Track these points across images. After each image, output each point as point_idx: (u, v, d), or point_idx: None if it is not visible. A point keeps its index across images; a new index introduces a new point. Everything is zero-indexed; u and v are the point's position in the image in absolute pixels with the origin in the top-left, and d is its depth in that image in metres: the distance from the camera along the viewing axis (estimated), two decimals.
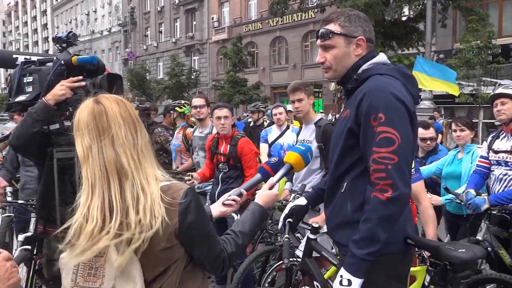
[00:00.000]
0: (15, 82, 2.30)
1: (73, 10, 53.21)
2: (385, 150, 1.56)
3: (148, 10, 39.92)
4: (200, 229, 1.29)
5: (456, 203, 3.46)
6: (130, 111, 1.28)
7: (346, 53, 1.75)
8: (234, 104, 23.30)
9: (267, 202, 1.64)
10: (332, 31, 1.74)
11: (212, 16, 32.68)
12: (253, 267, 3.59)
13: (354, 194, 1.71)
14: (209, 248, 1.33)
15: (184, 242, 1.28)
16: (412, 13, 16.78)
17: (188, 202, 1.26)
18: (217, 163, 3.75)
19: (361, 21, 1.76)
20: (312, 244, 2.16)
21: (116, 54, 44.85)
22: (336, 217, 1.80)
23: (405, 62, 14.49)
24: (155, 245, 1.23)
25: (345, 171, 1.76)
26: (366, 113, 1.62)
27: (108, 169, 1.21)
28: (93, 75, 2.20)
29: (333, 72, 1.80)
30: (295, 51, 27.21)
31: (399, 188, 1.55)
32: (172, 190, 1.27)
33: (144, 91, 30.98)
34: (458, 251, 1.69)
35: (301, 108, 3.33)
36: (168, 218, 1.21)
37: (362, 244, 1.59)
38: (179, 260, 1.29)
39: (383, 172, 1.56)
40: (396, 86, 1.64)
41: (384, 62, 1.76)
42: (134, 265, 1.23)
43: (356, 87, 1.72)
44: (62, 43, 2.30)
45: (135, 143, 1.25)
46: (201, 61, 34.25)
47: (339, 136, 1.78)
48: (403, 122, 1.60)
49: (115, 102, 1.27)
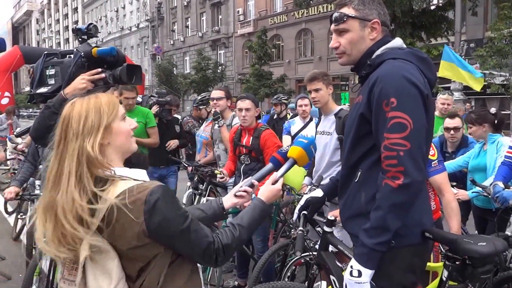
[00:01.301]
0: (37, 74, 2.32)
1: (102, 7, 54.33)
2: (397, 136, 1.50)
3: (175, 5, 40.29)
4: (173, 227, 1.26)
5: (484, 197, 3.33)
6: (82, 117, 1.28)
7: (360, 36, 1.70)
8: (259, 98, 23.29)
9: (270, 197, 1.61)
10: (346, 14, 1.69)
11: (237, 9, 32.70)
12: (275, 259, 3.59)
13: (368, 184, 1.66)
14: (191, 242, 1.30)
15: (159, 241, 1.26)
16: (441, 1, 16.24)
17: (153, 201, 1.23)
18: (239, 155, 3.72)
19: (375, 4, 1.71)
20: (328, 237, 2.11)
21: (144, 49, 45.58)
22: (349, 208, 1.75)
23: (434, 53, 14.09)
24: (124, 244, 1.24)
25: (359, 160, 1.70)
26: (378, 98, 1.56)
27: (58, 172, 1.26)
28: (113, 67, 2.18)
29: (347, 57, 1.75)
30: (320, 43, 26.88)
31: (411, 175, 1.49)
32: (138, 190, 1.24)
33: (171, 85, 31.42)
34: (477, 244, 1.60)
35: (318, 98, 3.24)
36: (133, 218, 1.20)
37: (373, 233, 1.54)
38: (160, 255, 1.28)
39: (395, 159, 1.51)
40: (409, 69, 1.57)
41: (399, 47, 1.71)
42: (111, 260, 1.24)
43: (370, 73, 1.67)
44: (82, 35, 2.25)
45: (84, 149, 1.25)
46: (227, 55, 34.35)
47: (351, 123, 1.74)
48: (416, 106, 1.53)
49: (74, 107, 1.30)
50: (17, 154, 7.52)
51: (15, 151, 7.54)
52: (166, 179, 4.91)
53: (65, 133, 1.28)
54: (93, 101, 1.32)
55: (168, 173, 4.96)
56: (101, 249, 1.24)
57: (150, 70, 40.98)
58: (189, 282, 1.35)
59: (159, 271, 1.27)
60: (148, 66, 42.68)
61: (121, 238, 1.23)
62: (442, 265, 2.41)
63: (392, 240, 1.56)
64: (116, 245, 1.25)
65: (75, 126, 1.27)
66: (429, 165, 2.58)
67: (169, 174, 4.98)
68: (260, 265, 3.12)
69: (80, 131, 1.26)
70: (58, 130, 1.30)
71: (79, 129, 1.26)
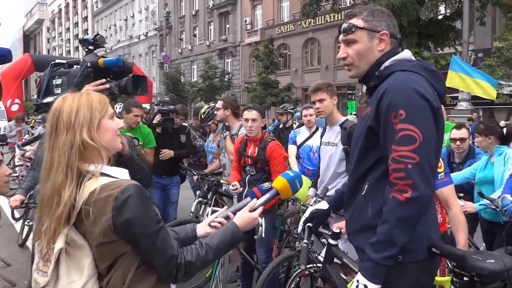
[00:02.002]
0: (44, 84, 2.35)
1: (112, 16, 54.94)
2: (405, 148, 1.48)
3: (183, 14, 40.68)
4: (141, 227, 1.27)
5: (492, 210, 3.28)
6: (73, 111, 1.31)
7: (368, 47, 1.69)
8: (266, 106, 23.32)
9: (245, 224, 1.58)
10: (355, 25, 1.69)
11: (245, 18, 32.93)
12: (279, 270, 3.56)
13: (375, 197, 1.63)
14: (156, 249, 1.29)
15: (125, 238, 1.27)
16: (449, 11, 16.22)
17: (125, 198, 1.25)
18: (244, 165, 3.67)
19: (384, 16, 1.70)
20: (333, 250, 2.09)
21: (152, 57, 45.93)
22: (356, 221, 1.73)
23: (442, 63, 14.05)
24: (93, 239, 1.26)
25: (366, 172, 1.68)
26: (386, 110, 1.54)
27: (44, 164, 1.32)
28: (119, 77, 2.21)
29: (356, 69, 1.74)
30: (327, 52, 26.93)
31: (419, 189, 1.46)
32: (112, 186, 1.27)
33: (178, 93, 31.59)
34: (486, 261, 1.56)
35: (323, 109, 3.22)
36: (103, 213, 1.23)
37: (379, 247, 1.50)
38: (126, 255, 1.29)
39: (403, 172, 1.48)
40: (418, 82, 1.56)
41: (408, 59, 1.69)
42: (86, 256, 1.27)
43: (378, 85, 1.65)
44: (88, 45, 2.30)
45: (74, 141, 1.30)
46: (234, 63, 34.53)
47: (359, 135, 1.72)
48: (426, 119, 1.51)
49: (66, 100, 1.34)
50: (25, 160, 7.61)
51: (23, 158, 7.62)
52: (168, 190, 4.82)
53: (55, 125, 1.32)
54: (85, 97, 1.36)
55: (170, 183, 4.85)
56: (77, 244, 1.27)
57: (157, 78, 41.26)
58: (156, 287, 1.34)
59: (125, 271, 1.28)
60: (156, 74, 43.00)
61: (91, 233, 1.25)
62: (449, 280, 2.39)
63: (399, 255, 1.53)
64: (88, 240, 1.27)
65: (66, 119, 1.31)
66: (436, 177, 2.56)
67: (171, 184, 4.86)
68: (265, 276, 3.09)
69: (72, 124, 1.30)
70: (49, 123, 1.34)
71: (70, 122, 1.30)
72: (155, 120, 4.61)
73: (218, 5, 35.07)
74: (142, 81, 2.19)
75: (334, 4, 18.79)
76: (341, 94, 25.86)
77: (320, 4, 17.87)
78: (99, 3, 57.54)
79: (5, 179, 1.83)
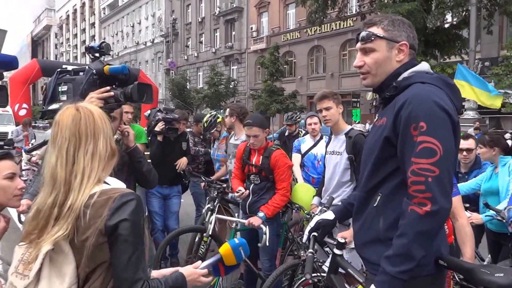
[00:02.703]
0: (50, 91, 2.33)
1: (119, 23, 55.46)
2: (426, 161, 1.46)
3: (189, 21, 40.97)
4: (128, 233, 1.27)
5: (498, 221, 3.25)
6: (80, 124, 1.36)
7: (387, 57, 1.67)
8: (271, 113, 23.32)
9: (190, 278, 1.55)
10: (375, 33, 1.66)
11: (251, 26, 33.10)
12: (282, 279, 3.53)
13: (387, 209, 1.61)
14: (129, 263, 1.27)
15: (110, 242, 1.27)
16: (456, 20, 16.20)
17: (123, 201, 1.29)
18: (248, 174, 3.66)
19: (405, 27, 1.68)
20: (338, 260, 2.07)
21: (158, 64, 46.25)
22: (366, 233, 1.69)
23: (448, 71, 14.00)
24: (79, 241, 1.26)
25: (379, 184, 1.65)
26: (405, 121, 1.52)
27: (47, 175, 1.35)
28: (124, 84, 2.20)
29: (372, 78, 1.71)
30: (333, 60, 26.99)
31: (439, 202, 1.44)
32: (113, 191, 1.31)
33: (184, 100, 31.73)
34: (494, 275, 1.52)
35: (329, 117, 3.22)
36: (98, 214, 1.26)
37: (396, 260, 1.48)
38: (106, 265, 1.28)
39: (423, 185, 1.46)
40: (439, 94, 1.54)
41: (427, 71, 1.66)
42: (69, 264, 1.27)
43: (394, 95, 1.63)
44: (94, 53, 2.29)
45: (74, 154, 1.34)
46: (240, 70, 34.66)
47: (373, 145, 1.68)
48: (446, 132, 1.50)
49: (71, 115, 1.37)
50: (31, 165, 7.65)
51: (30, 163, 7.66)
52: (169, 200, 4.68)
53: (93, 132, 1.36)
54: (95, 109, 1.42)
55: (171, 193, 4.70)
56: (62, 250, 1.27)
57: (163, 85, 41.48)
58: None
59: (104, 284, 1.28)
60: (162, 81, 43.24)
61: (82, 234, 1.26)
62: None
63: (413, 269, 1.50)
64: (74, 243, 1.27)
65: (100, 124, 1.38)
66: None
67: (172, 194, 4.71)
68: (268, 284, 3.08)
69: (100, 132, 1.37)
70: (65, 133, 1.35)
71: (101, 129, 1.38)
72: (157, 128, 4.40)
73: (224, 12, 35.29)
74: (147, 89, 2.18)
75: (340, 12, 18.80)
76: (346, 102, 25.79)
77: (326, 12, 17.90)
78: (107, 10, 58.11)
79: (17, 192, 1.79)
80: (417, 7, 13.41)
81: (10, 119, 17.66)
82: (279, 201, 3.48)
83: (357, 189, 1.85)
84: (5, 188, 1.74)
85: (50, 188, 1.32)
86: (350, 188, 3.17)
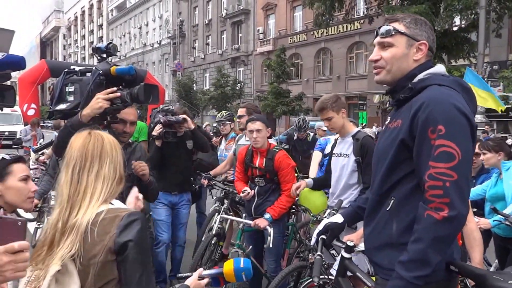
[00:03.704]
0: (57, 91, 2.35)
1: (126, 24, 55.77)
2: (444, 165, 1.44)
3: (196, 23, 41.11)
4: (137, 252, 1.29)
5: (505, 226, 3.21)
6: (88, 146, 1.42)
7: (405, 54, 1.63)
8: (277, 115, 23.31)
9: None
10: (396, 29, 1.64)
11: (258, 28, 33.15)
12: (288, 280, 3.52)
13: (401, 214, 1.58)
14: (139, 283, 1.29)
15: (119, 260, 1.29)
16: (464, 23, 16.10)
17: (131, 220, 1.31)
18: (252, 176, 3.65)
19: (427, 27, 1.67)
20: (346, 263, 2.05)
21: (165, 65, 46.43)
22: (377, 237, 1.67)
23: (456, 74, 13.91)
24: (87, 259, 1.27)
25: (392, 187, 1.63)
26: (423, 124, 1.49)
27: (56, 192, 1.40)
28: (131, 85, 2.20)
29: (386, 73, 1.67)
30: (339, 63, 26.93)
31: (457, 208, 1.42)
32: (119, 210, 1.35)
33: (190, 101, 31.83)
34: (508, 282, 1.48)
35: (332, 126, 3.23)
36: (106, 231, 1.28)
37: (411, 266, 1.45)
38: (112, 284, 1.29)
39: (440, 189, 1.43)
40: (457, 97, 1.52)
41: (443, 74, 1.63)
42: (73, 284, 1.27)
43: (409, 97, 1.60)
44: (101, 53, 2.30)
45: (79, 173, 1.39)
46: (246, 72, 34.70)
47: (387, 148, 1.65)
48: (465, 136, 1.47)
49: (82, 137, 1.44)
50: (39, 164, 7.70)
51: (38, 162, 7.71)
52: (178, 209, 4.14)
53: (99, 154, 1.41)
54: (106, 136, 1.49)
55: (180, 201, 4.15)
56: (67, 270, 1.27)
57: (170, 86, 41.64)
58: None
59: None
60: (168, 82, 43.41)
61: (89, 251, 1.28)
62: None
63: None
64: (79, 262, 1.28)
65: (109, 149, 1.43)
66: None
67: (181, 203, 4.15)
68: (274, 285, 3.08)
69: (111, 155, 1.42)
70: (74, 153, 1.41)
71: (112, 153, 1.43)
72: (154, 132, 3.90)
73: (231, 14, 35.37)
74: (154, 90, 2.17)
75: (347, 15, 18.76)
76: (352, 104, 25.78)
77: (333, 14, 17.87)
78: (114, 11, 58.47)
79: (30, 194, 1.84)
80: (425, 9, 13.30)
81: (19, 119, 17.82)
82: (285, 202, 3.50)
83: (370, 192, 1.82)
84: (20, 190, 1.80)
85: (57, 205, 1.37)
86: (357, 190, 3.15)
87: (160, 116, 3.89)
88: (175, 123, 3.87)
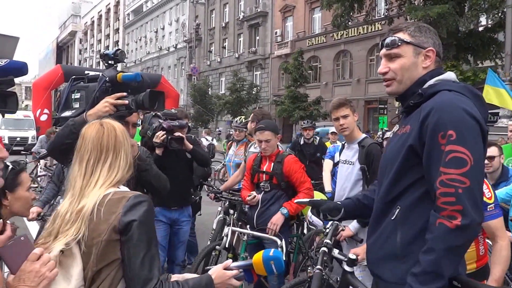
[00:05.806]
0: (63, 98, 2.42)
1: (143, 28, 56.46)
2: (456, 171, 1.41)
3: (213, 26, 41.25)
4: (141, 233, 1.31)
5: None
6: (103, 138, 1.47)
7: (413, 63, 1.64)
8: (293, 120, 23.00)
9: (219, 281, 1.50)
10: (402, 39, 1.65)
11: (275, 30, 32.98)
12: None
13: (407, 224, 1.55)
14: (142, 264, 1.31)
15: (123, 239, 1.31)
16: (490, 23, 15.63)
17: (137, 201, 1.35)
18: (257, 182, 3.60)
19: (431, 33, 1.68)
20: (348, 277, 2.05)
21: (181, 69, 46.75)
22: (381, 248, 1.63)
23: (482, 76, 13.46)
24: (92, 238, 1.31)
25: (398, 195, 1.60)
26: (432, 129, 1.47)
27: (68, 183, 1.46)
28: (136, 92, 2.19)
29: (397, 84, 1.67)
30: (359, 65, 26.52)
31: (470, 216, 1.38)
32: (126, 193, 1.40)
33: (205, 106, 31.84)
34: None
35: (347, 125, 3.14)
36: (112, 211, 1.32)
37: (424, 278, 1.40)
38: (115, 264, 1.32)
39: (453, 196, 1.40)
40: (467, 102, 1.51)
41: (453, 80, 1.64)
42: (76, 266, 1.31)
43: (419, 103, 1.59)
44: (109, 60, 2.30)
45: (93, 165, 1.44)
46: (263, 76, 34.57)
47: (395, 154, 1.62)
48: (477, 141, 1.46)
49: (95, 129, 1.49)
50: (48, 170, 7.69)
51: (46, 168, 7.68)
52: (177, 227, 3.74)
53: (113, 146, 1.46)
54: (118, 125, 1.54)
55: (181, 218, 3.75)
56: (72, 252, 1.32)
57: (185, 90, 41.76)
58: None
59: (113, 284, 1.31)
60: (184, 86, 43.61)
61: (93, 231, 1.32)
62: None
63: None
64: (83, 242, 1.31)
65: (122, 139, 1.49)
66: (485, 209, 2.38)
67: (182, 220, 3.75)
68: None
69: (124, 145, 1.49)
70: (88, 145, 1.46)
71: (124, 143, 1.49)
72: (157, 139, 3.39)
73: (249, 17, 35.31)
74: (160, 97, 2.17)
75: (367, 16, 18.41)
76: (372, 108, 25.36)
77: (352, 15, 17.56)
78: (131, 15, 59.23)
79: (31, 203, 1.91)
80: (449, 9, 13.00)
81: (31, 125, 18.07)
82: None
83: (375, 199, 1.78)
84: (27, 199, 1.86)
85: (69, 195, 1.42)
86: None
87: (160, 121, 3.47)
88: (179, 128, 3.51)
